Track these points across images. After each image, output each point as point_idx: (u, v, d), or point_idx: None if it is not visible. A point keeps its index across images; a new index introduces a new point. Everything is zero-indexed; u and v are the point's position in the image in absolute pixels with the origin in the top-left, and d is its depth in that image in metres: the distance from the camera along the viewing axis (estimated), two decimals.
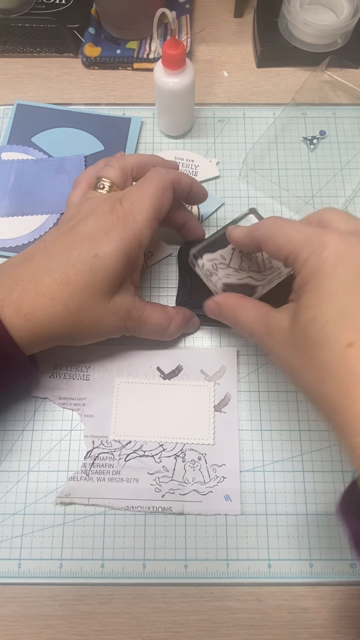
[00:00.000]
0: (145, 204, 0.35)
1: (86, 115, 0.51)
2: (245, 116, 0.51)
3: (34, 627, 0.36)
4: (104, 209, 0.35)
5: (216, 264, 0.38)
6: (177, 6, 0.55)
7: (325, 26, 0.50)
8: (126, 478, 0.38)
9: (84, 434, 0.40)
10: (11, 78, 0.54)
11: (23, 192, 0.48)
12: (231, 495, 0.38)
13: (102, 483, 0.38)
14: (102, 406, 0.40)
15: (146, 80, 0.54)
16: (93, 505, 0.38)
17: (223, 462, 0.39)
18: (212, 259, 0.38)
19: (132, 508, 0.38)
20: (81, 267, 0.33)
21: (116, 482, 0.38)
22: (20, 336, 0.33)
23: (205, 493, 0.38)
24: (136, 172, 0.38)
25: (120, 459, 0.39)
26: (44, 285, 0.33)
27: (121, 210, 0.35)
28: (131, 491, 0.38)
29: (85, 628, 0.36)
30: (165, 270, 0.45)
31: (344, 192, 0.48)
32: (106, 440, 0.40)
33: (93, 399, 0.41)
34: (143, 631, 0.36)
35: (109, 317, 0.35)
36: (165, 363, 0.41)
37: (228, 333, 0.43)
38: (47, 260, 0.34)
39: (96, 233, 0.34)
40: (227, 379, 0.41)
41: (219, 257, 0.38)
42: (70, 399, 0.41)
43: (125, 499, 0.38)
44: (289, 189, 0.48)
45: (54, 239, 0.36)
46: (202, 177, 0.48)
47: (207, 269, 0.38)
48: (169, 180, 0.36)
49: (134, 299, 0.37)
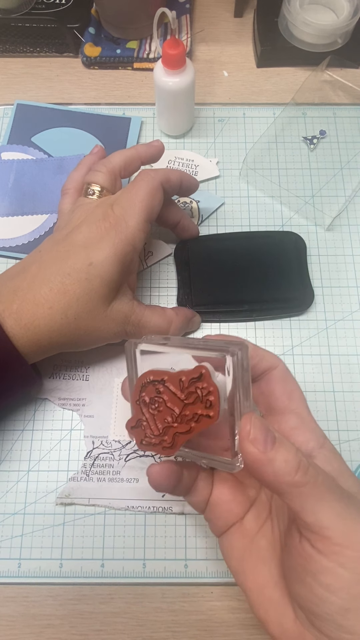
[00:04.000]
0: (136, 208, 0.35)
1: (86, 115, 0.51)
2: (245, 116, 0.51)
3: (34, 627, 0.36)
4: (96, 216, 0.35)
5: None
6: (177, 6, 0.55)
7: (325, 26, 0.50)
8: (126, 478, 0.38)
9: (84, 434, 0.40)
10: (11, 78, 0.54)
11: (23, 192, 0.48)
12: None
13: (102, 483, 0.38)
14: (101, 406, 0.40)
15: (146, 80, 0.54)
16: (93, 505, 0.38)
17: None
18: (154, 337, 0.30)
19: (133, 508, 0.38)
20: (77, 276, 0.33)
21: (116, 482, 0.38)
22: (23, 345, 0.33)
23: None
24: (124, 172, 0.38)
25: (121, 459, 0.39)
26: (41, 296, 0.33)
27: (113, 216, 0.35)
28: (131, 491, 0.38)
29: (85, 628, 0.36)
30: (165, 270, 0.45)
31: (344, 192, 0.48)
32: (106, 441, 0.40)
33: (92, 399, 0.41)
34: (143, 631, 0.36)
35: (107, 324, 0.35)
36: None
37: (228, 329, 0.43)
38: (43, 271, 0.34)
39: (90, 241, 0.34)
40: None
41: None
42: (70, 399, 0.41)
43: (125, 499, 0.38)
44: (289, 188, 0.48)
45: (49, 248, 0.36)
46: (202, 177, 0.48)
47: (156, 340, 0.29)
48: (158, 181, 0.36)
49: (132, 303, 0.37)
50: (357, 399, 0.41)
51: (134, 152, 0.39)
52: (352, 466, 0.39)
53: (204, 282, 0.43)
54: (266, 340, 0.43)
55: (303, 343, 0.43)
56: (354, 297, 0.44)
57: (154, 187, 0.36)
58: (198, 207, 0.47)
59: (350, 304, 0.44)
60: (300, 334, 0.43)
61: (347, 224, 0.47)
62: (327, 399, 0.41)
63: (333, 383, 0.41)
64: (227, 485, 0.29)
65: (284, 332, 0.43)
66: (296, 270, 0.44)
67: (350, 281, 0.45)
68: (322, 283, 0.45)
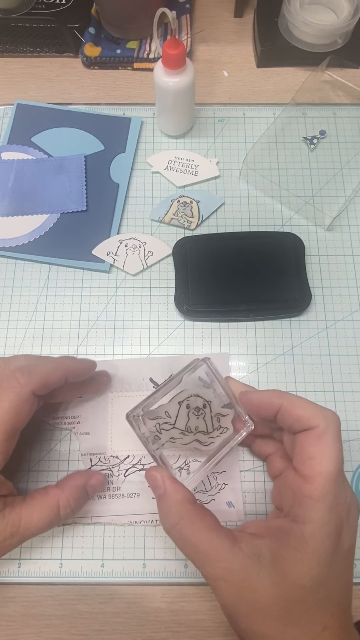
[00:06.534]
0: None
1: (86, 115, 0.51)
2: (245, 116, 0.51)
3: (34, 627, 0.36)
4: None
5: (159, 425, 0.34)
6: (177, 6, 0.55)
7: (325, 26, 0.50)
8: (127, 493, 0.38)
9: (81, 452, 0.39)
10: (11, 78, 0.54)
11: (23, 192, 0.48)
12: (233, 502, 0.38)
13: (103, 500, 0.38)
14: (97, 422, 0.40)
15: (146, 80, 0.54)
16: (95, 523, 0.37)
17: (223, 469, 0.38)
18: (155, 417, 0.34)
19: (136, 523, 0.37)
20: None
21: (117, 497, 0.38)
22: None
23: (207, 502, 0.38)
24: None
25: (120, 475, 0.38)
26: None
27: None
28: (133, 506, 0.38)
29: (85, 628, 0.36)
30: (165, 270, 0.45)
31: (344, 192, 0.48)
32: (104, 457, 0.39)
33: (87, 416, 0.40)
34: (143, 631, 0.36)
35: None
36: (158, 374, 0.41)
37: (219, 338, 0.43)
38: None
39: None
40: None
41: (164, 415, 0.34)
42: (65, 417, 0.40)
43: (127, 514, 0.37)
44: (289, 188, 0.48)
45: None
46: (202, 177, 0.48)
47: (149, 431, 0.34)
48: (28, 391, 0.31)
49: (2, 514, 0.31)
50: (357, 399, 0.41)
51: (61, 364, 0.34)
52: (352, 466, 0.39)
53: (201, 281, 0.43)
54: (266, 340, 0.43)
55: (303, 343, 0.43)
56: (354, 297, 0.44)
57: (20, 402, 0.31)
58: (198, 207, 0.47)
59: (350, 304, 0.44)
60: (300, 334, 0.43)
61: (347, 224, 0.47)
62: (327, 399, 0.41)
63: (333, 383, 0.41)
64: None
65: (284, 332, 0.43)
66: (294, 271, 0.44)
67: (350, 281, 0.45)
68: (322, 283, 0.45)
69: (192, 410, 0.34)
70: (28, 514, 0.32)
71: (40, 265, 0.46)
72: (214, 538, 0.28)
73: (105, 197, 0.47)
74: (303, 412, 0.30)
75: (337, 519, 0.28)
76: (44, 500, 0.33)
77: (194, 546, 0.28)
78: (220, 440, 0.34)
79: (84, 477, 0.35)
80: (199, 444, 0.34)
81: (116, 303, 0.44)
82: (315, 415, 0.30)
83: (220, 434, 0.34)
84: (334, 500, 0.28)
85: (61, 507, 0.33)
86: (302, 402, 0.31)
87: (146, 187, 0.48)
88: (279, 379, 0.41)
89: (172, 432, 0.34)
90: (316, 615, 0.27)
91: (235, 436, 0.35)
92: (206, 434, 0.34)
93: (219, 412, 0.35)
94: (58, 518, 0.33)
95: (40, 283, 0.45)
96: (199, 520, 0.29)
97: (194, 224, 0.46)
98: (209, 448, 0.34)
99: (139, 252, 0.45)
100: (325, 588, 0.27)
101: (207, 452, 0.35)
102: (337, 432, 0.30)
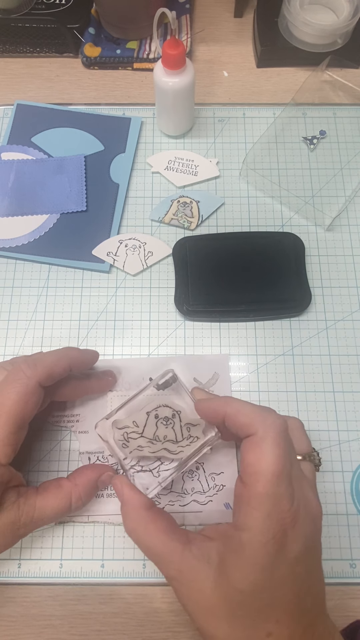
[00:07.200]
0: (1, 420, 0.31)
1: (86, 115, 0.51)
2: (245, 116, 0.51)
3: (34, 627, 0.36)
4: None
5: (127, 434, 0.35)
6: (177, 6, 0.55)
7: (325, 26, 0.50)
8: None
9: (79, 451, 0.39)
10: (11, 78, 0.54)
11: (23, 192, 0.48)
12: (232, 503, 0.37)
13: (101, 499, 0.38)
14: (96, 421, 0.40)
15: (146, 80, 0.54)
16: (93, 522, 0.38)
17: (221, 470, 0.38)
18: (123, 426, 0.35)
19: None
20: None
21: (114, 497, 0.38)
22: None
23: (205, 503, 0.38)
24: None
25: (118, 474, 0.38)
26: None
27: None
28: None
29: (85, 628, 0.36)
30: (165, 270, 0.45)
31: (344, 192, 0.48)
32: (102, 456, 0.39)
33: (86, 414, 0.40)
34: (143, 631, 0.36)
35: None
36: (158, 374, 0.41)
37: (219, 338, 0.43)
38: None
39: None
40: (220, 386, 0.41)
41: (131, 425, 0.35)
42: (64, 415, 0.40)
43: None
44: (289, 188, 0.48)
45: None
46: (202, 177, 0.48)
47: (117, 440, 0.35)
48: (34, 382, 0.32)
49: (17, 504, 0.32)
50: (357, 399, 0.41)
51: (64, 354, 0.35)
52: (352, 466, 0.39)
53: (201, 281, 0.43)
54: (266, 341, 0.43)
55: (303, 343, 0.43)
56: (354, 297, 0.44)
57: (27, 392, 0.31)
58: (198, 207, 0.47)
59: (350, 304, 0.44)
60: (300, 334, 0.43)
61: (347, 224, 0.47)
62: (327, 399, 0.41)
63: (333, 383, 0.41)
64: None
65: (284, 332, 0.43)
66: (294, 271, 0.44)
67: (350, 281, 0.45)
68: (322, 283, 0.45)
69: (161, 419, 0.35)
70: (42, 506, 0.33)
71: (40, 266, 0.46)
72: (167, 541, 0.29)
73: (105, 197, 0.47)
74: (244, 419, 0.30)
75: (277, 527, 0.27)
76: (58, 493, 0.34)
77: (149, 548, 0.30)
78: (191, 449, 0.34)
79: (96, 471, 0.36)
80: (168, 452, 0.34)
81: (116, 303, 0.44)
82: (254, 421, 0.29)
83: (190, 443, 0.35)
84: (274, 508, 0.27)
85: (73, 500, 0.34)
86: (245, 409, 0.30)
87: (146, 187, 0.48)
88: (278, 379, 0.41)
89: (140, 441, 0.35)
90: (258, 620, 0.27)
91: (202, 447, 0.35)
92: (175, 443, 0.35)
93: (189, 422, 0.35)
94: (69, 510, 0.34)
95: (40, 283, 0.45)
96: (152, 524, 0.30)
97: (193, 224, 0.46)
98: (178, 457, 0.34)
99: (139, 252, 0.45)
100: (268, 594, 0.27)
101: (177, 460, 0.35)
102: (276, 438, 0.28)
